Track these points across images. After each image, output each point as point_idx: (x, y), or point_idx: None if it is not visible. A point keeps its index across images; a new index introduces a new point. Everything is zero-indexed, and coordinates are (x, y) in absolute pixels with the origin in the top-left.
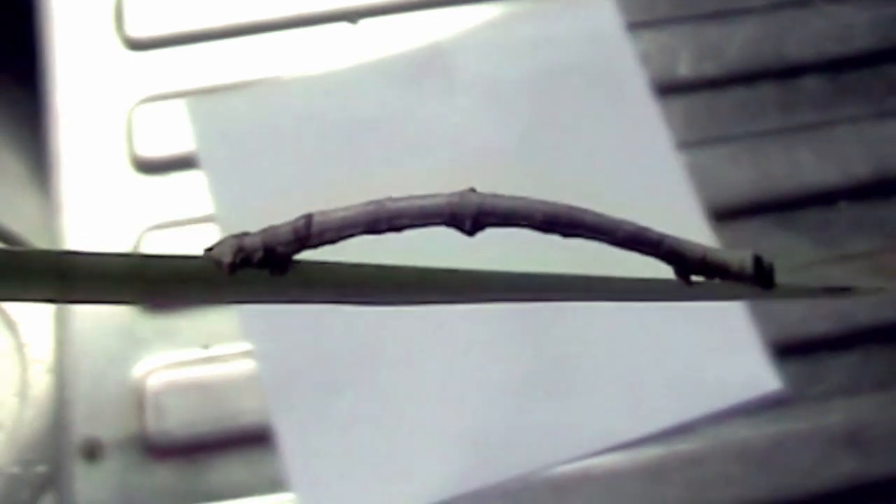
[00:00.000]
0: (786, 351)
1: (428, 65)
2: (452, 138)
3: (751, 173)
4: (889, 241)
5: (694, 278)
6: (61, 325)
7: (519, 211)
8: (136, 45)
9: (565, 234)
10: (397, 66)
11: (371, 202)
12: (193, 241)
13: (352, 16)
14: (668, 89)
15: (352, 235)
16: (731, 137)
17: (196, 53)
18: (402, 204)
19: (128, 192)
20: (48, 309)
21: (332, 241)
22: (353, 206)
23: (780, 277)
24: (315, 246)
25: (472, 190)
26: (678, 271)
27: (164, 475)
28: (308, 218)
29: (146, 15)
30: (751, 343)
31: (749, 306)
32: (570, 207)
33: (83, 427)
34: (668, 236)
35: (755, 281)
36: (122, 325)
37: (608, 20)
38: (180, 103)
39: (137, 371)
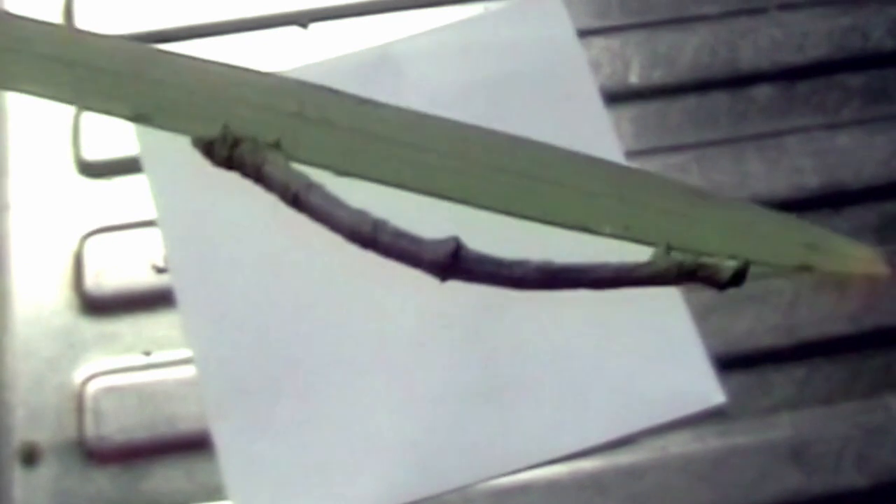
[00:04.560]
0: (731, 364)
1: (376, 67)
2: None
3: (700, 183)
4: None
5: None
6: (0, 328)
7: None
8: None
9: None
10: (344, 67)
11: None
12: (136, 244)
13: (302, 19)
14: (618, 97)
15: None
16: (681, 146)
17: None
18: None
19: (72, 196)
20: None
21: None
22: None
23: None
24: None
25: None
26: None
27: (103, 481)
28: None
29: None
30: (696, 356)
31: (696, 320)
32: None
33: (21, 432)
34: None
35: None
36: (62, 329)
37: (560, 27)
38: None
39: (77, 376)
